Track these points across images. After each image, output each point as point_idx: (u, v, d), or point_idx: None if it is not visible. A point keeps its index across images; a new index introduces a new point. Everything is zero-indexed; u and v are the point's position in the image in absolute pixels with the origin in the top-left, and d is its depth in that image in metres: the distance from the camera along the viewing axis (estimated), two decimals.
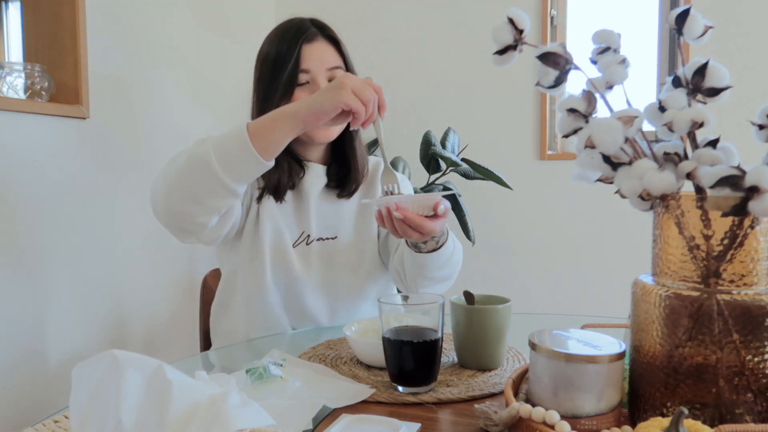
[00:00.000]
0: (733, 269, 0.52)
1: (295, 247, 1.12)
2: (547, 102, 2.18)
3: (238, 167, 0.87)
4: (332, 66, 1.09)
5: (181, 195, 0.89)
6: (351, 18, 2.37)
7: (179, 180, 0.89)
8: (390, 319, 0.75)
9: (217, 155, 0.86)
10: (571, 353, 0.56)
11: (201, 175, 0.86)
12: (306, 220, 1.13)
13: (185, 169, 0.88)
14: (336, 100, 0.84)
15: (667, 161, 0.56)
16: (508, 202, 2.18)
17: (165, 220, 0.95)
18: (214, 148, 0.86)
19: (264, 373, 0.75)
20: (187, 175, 0.88)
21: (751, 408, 0.51)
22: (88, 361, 0.52)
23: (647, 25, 2.11)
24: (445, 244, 1.02)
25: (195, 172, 0.87)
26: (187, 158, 0.87)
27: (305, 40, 1.07)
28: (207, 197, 0.89)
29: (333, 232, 1.16)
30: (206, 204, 0.90)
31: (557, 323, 1.04)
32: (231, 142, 0.86)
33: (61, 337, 1.49)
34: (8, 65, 1.42)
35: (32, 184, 1.41)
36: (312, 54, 1.07)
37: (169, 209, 0.92)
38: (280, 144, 0.88)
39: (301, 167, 1.14)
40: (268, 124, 0.87)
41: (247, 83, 1.16)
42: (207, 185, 0.87)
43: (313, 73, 1.07)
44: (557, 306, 2.18)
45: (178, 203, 0.90)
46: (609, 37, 0.60)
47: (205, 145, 0.87)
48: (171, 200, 0.90)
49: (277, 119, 0.87)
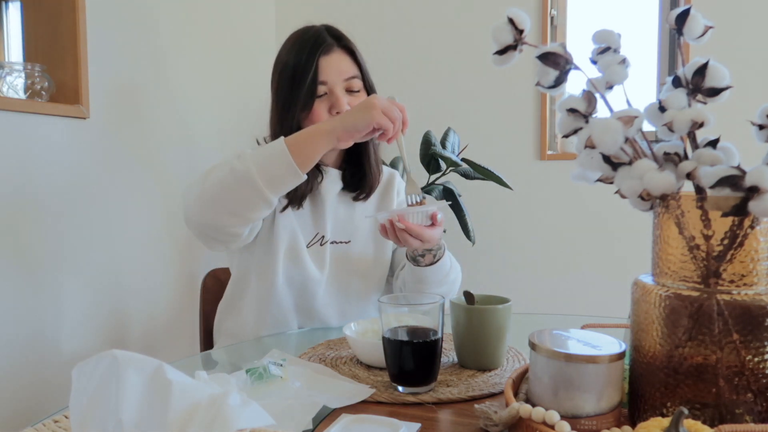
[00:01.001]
0: (733, 269, 0.52)
1: (309, 248, 1.13)
2: (547, 102, 2.18)
3: (278, 181, 0.93)
4: (349, 76, 1.10)
5: (220, 208, 0.95)
6: (351, 18, 2.37)
7: (219, 194, 0.94)
8: (390, 319, 0.75)
9: (259, 170, 0.91)
10: (571, 353, 0.56)
11: (243, 190, 0.92)
12: (321, 222, 1.15)
13: (226, 184, 0.93)
14: (368, 119, 0.93)
15: (667, 161, 0.56)
16: (508, 202, 2.18)
17: (199, 231, 1.00)
18: (255, 163, 0.92)
19: (264, 373, 0.75)
20: (229, 189, 0.93)
21: (751, 408, 0.51)
22: (88, 361, 0.52)
23: (647, 25, 2.11)
24: (442, 259, 1.08)
25: (237, 186, 0.92)
26: (228, 173, 0.92)
27: (323, 52, 1.08)
28: (246, 210, 0.95)
29: (347, 236, 1.17)
30: (244, 216, 0.96)
31: (557, 323, 1.04)
32: (272, 157, 0.92)
33: (61, 337, 1.49)
34: (8, 65, 1.42)
35: (32, 184, 1.41)
36: (330, 66, 1.09)
37: (206, 222, 0.97)
38: (315, 158, 0.95)
39: (320, 171, 1.15)
40: (306, 141, 0.94)
41: (248, 83, 1.17)
42: (248, 199, 0.93)
43: (330, 85, 1.09)
44: (557, 306, 2.18)
45: (216, 216, 0.96)
46: (609, 37, 0.60)
47: (246, 161, 0.92)
48: (209, 213, 0.96)
49: (314, 136, 0.95)
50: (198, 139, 1.99)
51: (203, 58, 2.00)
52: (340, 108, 1.08)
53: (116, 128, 1.64)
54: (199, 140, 1.99)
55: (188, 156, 1.93)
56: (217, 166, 0.97)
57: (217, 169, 0.95)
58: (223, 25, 2.11)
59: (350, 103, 1.10)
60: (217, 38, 2.08)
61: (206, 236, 1.01)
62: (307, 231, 1.14)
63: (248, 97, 2.21)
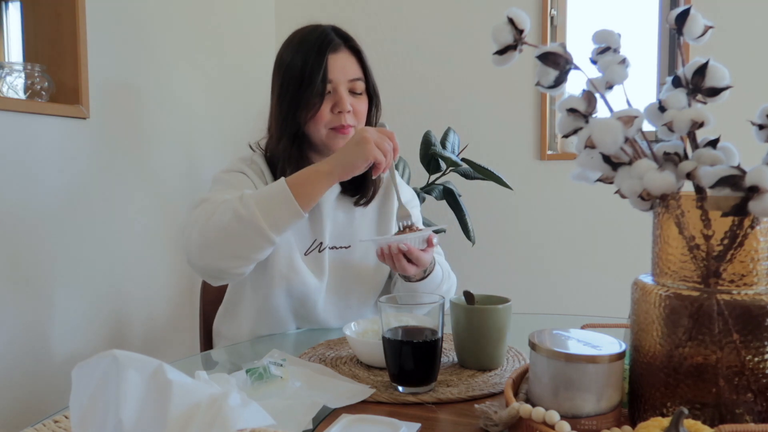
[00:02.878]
0: (733, 269, 0.52)
1: (307, 255, 1.12)
2: (547, 102, 2.18)
3: (282, 223, 0.94)
4: (353, 77, 1.09)
5: (226, 253, 0.95)
6: (351, 18, 2.37)
7: (224, 240, 0.94)
8: (390, 319, 0.75)
9: (264, 214, 0.92)
10: (571, 353, 0.56)
11: (248, 234, 0.92)
12: (319, 228, 1.13)
13: (231, 230, 0.92)
14: (365, 155, 0.95)
15: (667, 161, 0.56)
16: (508, 202, 2.18)
17: (203, 273, 1.00)
18: (259, 207, 0.92)
19: (264, 373, 0.74)
20: (233, 235, 0.93)
21: (751, 408, 0.51)
22: (88, 361, 0.52)
23: (647, 25, 2.11)
24: (432, 273, 1.09)
25: (242, 231, 0.92)
26: (232, 219, 0.92)
27: (331, 51, 1.07)
28: (251, 252, 0.95)
29: (347, 241, 1.16)
30: (249, 258, 0.96)
31: (557, 323, 1.04)
32: (275, 201, 0.93)
33: (61, 337, 1.49)
34: (8, 65, 1.42)
35: (32, 184, 1.41)
36: (336, 64, 1.08)
37: (210, 266, 0.97)
38: (317, 198, 0.97)
39: None
40: (307, 182, 0.95)
41: (247, 83, 1.17)
42: (253, 242, 0.93)
43: (335, 83, 1.08)
44: (557, 306, 2.18)
45: (221, 261, 0.96)
46: (609, 37, 0.60)
47: (249, 206, 0.92)
48: (213, 258, 0.96)
49: (314, 177, 0.96)
50: (197, 138, 1.99)
51: (203, 58, 2.00)
52: (342, 107, 1.07)
53: (116, 128, 1.64)
54: (199, 140, 1.99)
55: (188, 156, 1.93)
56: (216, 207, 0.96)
57: (218, 212, 0.94)
58: (223, 26, 2.11)
59: (354, 104, 1.09)
60: (216, 38, 2.08)
61: (210, 276, 1.01)
62: (305, 238, 1.12)
63: (247, 97, 2.21)
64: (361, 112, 1.11)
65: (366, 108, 1.13)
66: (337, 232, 1.15)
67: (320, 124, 1.08)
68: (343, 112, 1.07)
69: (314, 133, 1.09)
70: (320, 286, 1.12)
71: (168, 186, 1.83)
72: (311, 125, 1.09)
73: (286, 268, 1.09)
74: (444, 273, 1.14)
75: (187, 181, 1.92)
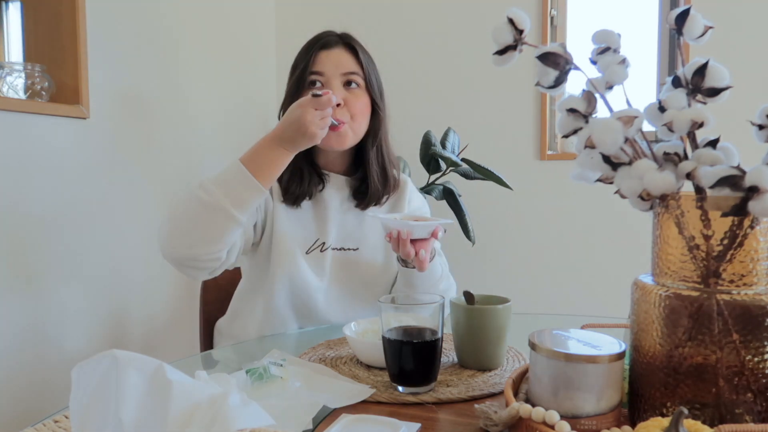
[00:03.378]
0: (732, 269, 0.52)
1: (309, 254, 1.12)
2: (547, 102, 2.18)
3: (246, 201, 0.94)
4: (348, 71, 1.10)
5: (196, 239, 0.95)
6: (351, 19, 2.37)
7: (193, 227, 0.94)
8: (390, 319, 0.75)
9: (226, 195, 0.93)
10: (571, 353, 0.56)
11: (215, 217, 0.93)
12: (323, 228, 1.13)
13: (197, 215, 0.93)
14: (302, 133, 0.94)
15: (667, 161, 0.56)
16: (508, 202, 2.18)
17: (178, 264, 0.99)
18: (221, 190, 0.93)
19: (264, 373, 0.74)
20: (200, 220, 0.93)
21: (751, 408, 0.51)
22: (88, 361, 0.52)
23: (647, 25, 2.11)
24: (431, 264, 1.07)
25: (208, 215, 0.93)
26: (197, 205, 0.93)
27: (322, 46, 1.11)
28: (221, 235, 0.95)
29: (354, 243, 1.16)
30: (220, 240, 0.95)
31: (557, 323, 1.04)
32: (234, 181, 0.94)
33: (61, 337, 1.49)
34: (8, 65, 1.42)
35: (32, 184, 1.41)
36: (328, 58, 1.10)
37: (183, 255, 0.96)
38: (275, 171, 0.96)
39: (321, 180, 1.14)
40: (258, 158, 0.95)
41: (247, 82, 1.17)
42: (221, 224, 0.94)
43: (327, 76, 1.09)
44: (557, 306, 2.18)
45: (193, 247, 0.95)
46: (609, 37, 0.60)
47: (211, 190, 0.93)
48: (185, 246, 0.95)
49: (262, 149, 0.96)
50: (198, 138, 1.99)
51: (203, 58, 2.00)
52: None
53: (116, 128, 1.64)
54: (200, 140, 1.99)
55: (188, 155, 1.94)
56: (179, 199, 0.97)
57: (182, 203, 0.95)
58: (224, 25, 2.11)
59: (348, 98, 1.09)
60: (217, 38, 2.08)
61: (187, 267, 0.99)
62: (308, 236, 1.13)
63: (248, 95, 2.21)
64: (356, 107, 1.10)
65: (364, 106, 1.12)
66: (345, 234, 1.15)
67: None
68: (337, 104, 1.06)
69: None
70: (320, 285, 1.12)
71: (168, 185, 1.83)
72: None
73: (287, 265, 1.09)
74: (444, 272, 1.14)
75: (188, 180, 1.92)
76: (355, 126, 1.10)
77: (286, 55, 2.44)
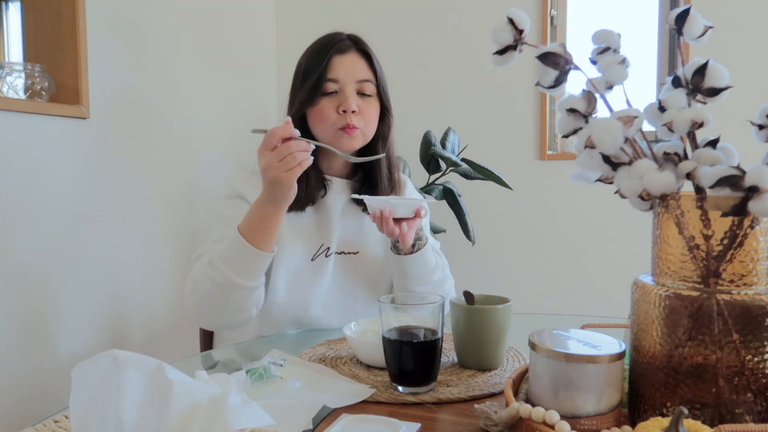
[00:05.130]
0: (732, 269, 0.52)
1: (314, 260, 1.12)
2: (547, 102, 2.18)
3: (254, 270, 0.98)
4: (362, 78, 1.10)
5: (221, 314, 1.02)
6: (351, 20, 2.37)
7: (215, 307, 1.01)
8: (390, 319, 0.75)
9: (234, 271, 0.96)
10: (571, 353, 0.56)
11: (231, 294, 0.98)
12: (327, 233, 1.13)
13: (216, 297, 0.99)
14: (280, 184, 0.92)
15: (667, 161, 0.56)
16: (508, 202, 2.18)
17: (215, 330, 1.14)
18: (228, 267, 0.96)
19: (264, 373, 0.75)
20: (220, 299, 0.99)
21: (751, 408, 0.51)
22: (88, 361, 0.52)
23: (647, 25, 2.11)
24: (424, 252, 1.09)
25: (225, 294, 0.98)
26: (212, 287, 0.98)
27: (336, 51, 1.09)
28: (244, 304, 1.00)
29: (355, 247, 1.16)
30: (244, 309, 1.01)
31: (557, 323, 1.04)
32: (240, 256, 0.97)
33: (61, 337, 1.49)
34: (8, 65, 1.42)
35: (32, 184, 1.40)
36: (343, 65, 1.09)
37: (216, 326, 1.12)
38: (275, 233, 0.98)
39: (323, 185, 1.14)
40: (258, 227, 0.97)
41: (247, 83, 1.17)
42: (239, 297, 0.99)
43: (341, 83, 1.08)
44: (557, 306, 2.18)
45: (222, 320, 1.05)
46: (609, 37, 0.60)
47: (220, 270, 0.97)
48: (216, 322, 1.07)
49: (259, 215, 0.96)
50: (198, 138, 1.99)
51: (204, 58, 2.00)
52: (347, 106, 1.06)
53: (116, 128, 1.64)
54: (199, 140, 1.99)
55: (188, 155, 1.93)
56: (195, 279, 1.01)
57: (198, 284, 1.00)
58: (224, 26, 2.11)
59: (362, 106, 1.09)
60: (217, 38, 2.07)
61: (222, 330, 1.14)
62: (312, 242, 1.12)
63: (247, 96, 2.21)
64: (368, 114, 1.10)
65: (375, 112, 1.12)
66: (347, 238, 1.15)
67: (327, 124, 1.08)
68: (348, 111, 1.06)
69: (321, 135, 1.09)
70: (321, 289, 1.12)
71: (168, 186, 1.83)
72: (318, 126, 1.09)
73: (289, 273, 1.09)
74: (438, 263, 1.14)
75: (188, 180, 1.92)
76: (367, 130, 1.11)
77: (286, 55, 2.44)
